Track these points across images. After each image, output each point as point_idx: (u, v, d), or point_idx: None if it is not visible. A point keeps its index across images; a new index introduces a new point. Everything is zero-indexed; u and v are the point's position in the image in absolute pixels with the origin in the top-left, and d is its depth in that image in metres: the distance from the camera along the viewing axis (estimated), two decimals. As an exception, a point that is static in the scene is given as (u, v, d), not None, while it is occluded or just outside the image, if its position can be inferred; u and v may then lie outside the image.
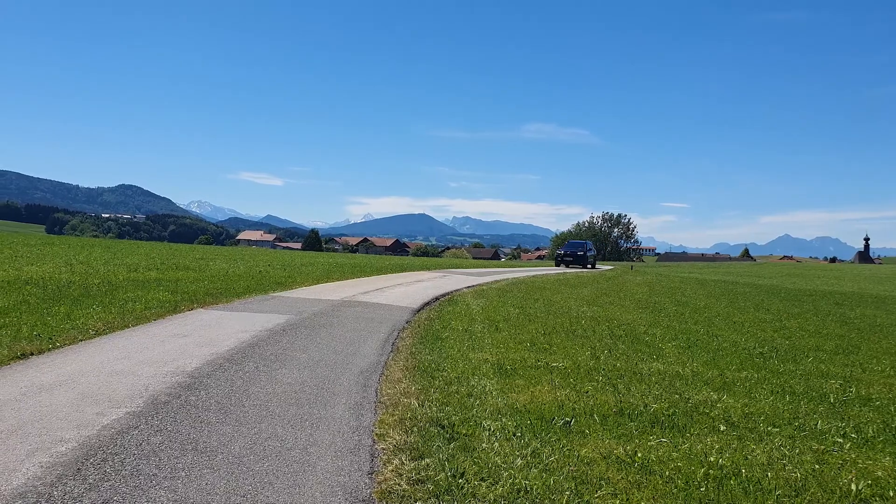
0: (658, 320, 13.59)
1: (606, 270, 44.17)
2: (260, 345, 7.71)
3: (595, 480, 4.06)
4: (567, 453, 4.52)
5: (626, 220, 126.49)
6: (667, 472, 4.29)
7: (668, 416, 5.72)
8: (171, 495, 3.50)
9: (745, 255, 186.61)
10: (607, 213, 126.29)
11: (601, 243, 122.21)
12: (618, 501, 3.78)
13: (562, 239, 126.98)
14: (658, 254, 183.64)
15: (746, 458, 4.70)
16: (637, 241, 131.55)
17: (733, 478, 4.27)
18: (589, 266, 46.00)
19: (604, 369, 7.61)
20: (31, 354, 6.53)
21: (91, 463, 3.85)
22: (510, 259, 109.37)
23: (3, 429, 4.35)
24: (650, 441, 4.95)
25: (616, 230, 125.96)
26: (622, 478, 4.15)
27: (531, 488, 3.85)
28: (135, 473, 3.75)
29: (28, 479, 3.58)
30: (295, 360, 7.10)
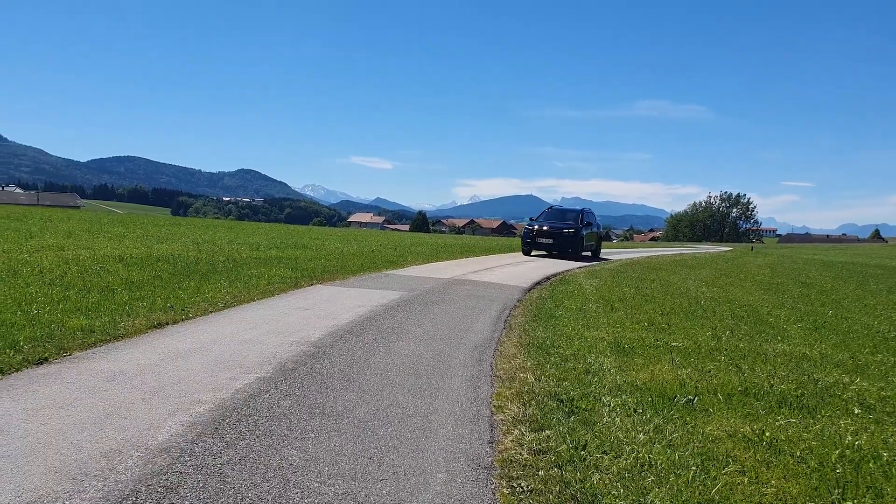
0: (782, 302, 13.00)
1: (725, 251, 41.91)
2: (377, 318, 7.91)
3: (721, 457, 3.95)
4: (691, 430, 4.41)
5: (745, 199, 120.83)
6: (797, 452, 4.11)
7: (797, 396, 5.48)
8: (303, 455, 3.66)
9: (876, 236, 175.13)
10: (725, 192, 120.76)
11: (719, 224, 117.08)
12: (746, 479, 3.66)
13: (677, 220, 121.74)
14: (779, 235, 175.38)
15: (885, 442, 4.44)
16: (757, 222, 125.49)
17: (872, 461, 4.05)
18: (587, 253, 24.06)
19: (726, 349, 7.36)
20: (167, 324, 6.94)
21: (227, 423, 4.07)
22: (622, 241, 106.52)
23: (147, 390, 4.66)
24: (778, 421, 4.76)
25: (734, 211, 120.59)
26: (750, 456, 4.01)
27: (655, 463, 3.78)
28: (268, 434, 3.93)
29: (171, 435, 3.82)
30: (410, 333, 7.23)
